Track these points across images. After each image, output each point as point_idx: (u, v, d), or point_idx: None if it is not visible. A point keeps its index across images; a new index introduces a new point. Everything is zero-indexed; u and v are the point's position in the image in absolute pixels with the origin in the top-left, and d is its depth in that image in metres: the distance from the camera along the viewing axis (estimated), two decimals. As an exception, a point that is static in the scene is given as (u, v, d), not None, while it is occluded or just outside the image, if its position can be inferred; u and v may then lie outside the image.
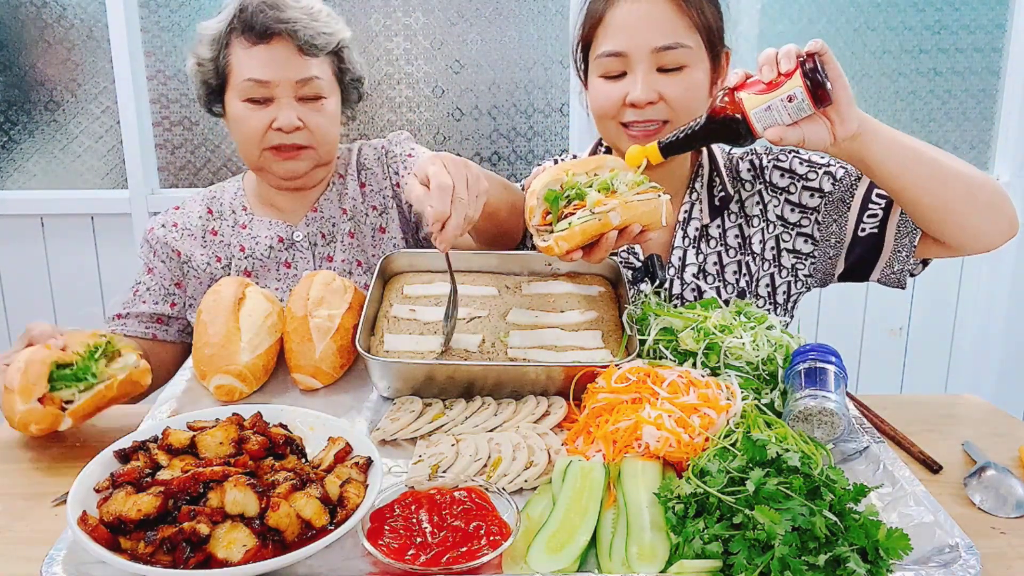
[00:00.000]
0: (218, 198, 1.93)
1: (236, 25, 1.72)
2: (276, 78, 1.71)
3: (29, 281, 2.77)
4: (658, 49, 1.50)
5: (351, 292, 1.49)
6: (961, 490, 1.20)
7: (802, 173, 1.65)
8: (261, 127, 1.73)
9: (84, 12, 2.58)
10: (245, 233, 1.87)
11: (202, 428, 1.09)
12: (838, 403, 1.15)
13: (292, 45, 1.71)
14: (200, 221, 1.88)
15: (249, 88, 1.72)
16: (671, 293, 1.67)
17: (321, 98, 1.76)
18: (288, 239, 1.86)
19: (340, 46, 1.79)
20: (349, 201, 1.89)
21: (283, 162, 1.77)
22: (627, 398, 1.18)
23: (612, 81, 1.55)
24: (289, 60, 1.71)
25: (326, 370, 1.38)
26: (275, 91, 1.72)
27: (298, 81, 1.72)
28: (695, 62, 1.53)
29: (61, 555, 0.96)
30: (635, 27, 1.51)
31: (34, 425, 1.29)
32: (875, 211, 1.58)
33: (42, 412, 1.28)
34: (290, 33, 1.69)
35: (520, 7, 2.59)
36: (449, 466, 1.14)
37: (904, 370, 2.95)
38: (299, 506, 0.95)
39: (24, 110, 2.66)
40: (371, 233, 1.89)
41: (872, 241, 1.59)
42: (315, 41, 1.71)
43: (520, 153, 2.71)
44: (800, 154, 1.68)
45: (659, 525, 1.00)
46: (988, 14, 2.66)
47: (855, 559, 0.91)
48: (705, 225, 1.69)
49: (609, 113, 1.57)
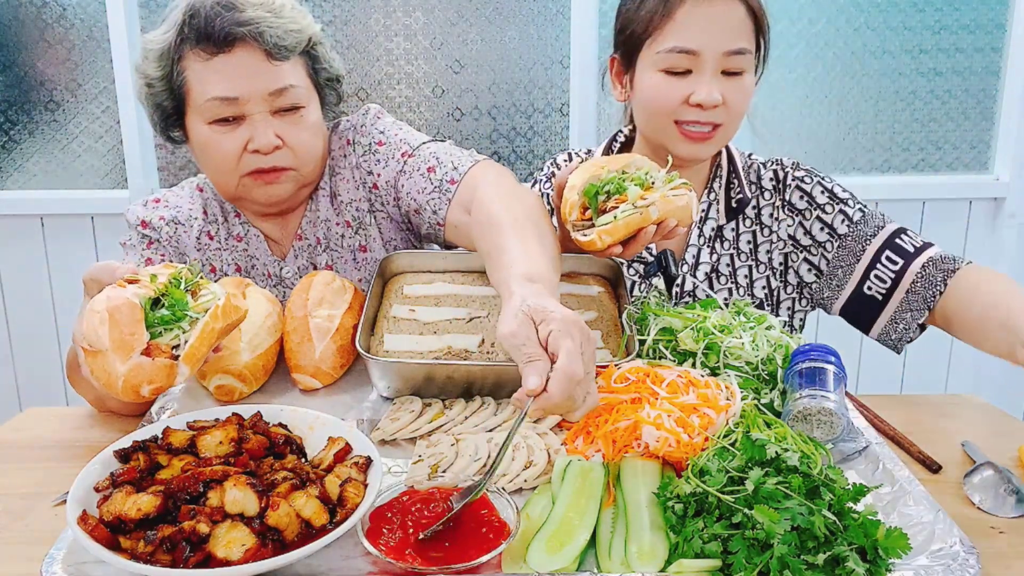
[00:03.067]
0: (208, 196, 1.70)
1: (188, 34, 1.47)
2: (245, 93, 1.46)
3: (29, 281, 2.77)
4: (729, 53, 1.49)
5: (351, 292, 1.49)
6: (960, 490, 1.20)
7: (820, 203, 1.64)
8: (235, 151, 1.50)
9: (84, 12, 2.58)
10: (240, 248, 1.68)
11: (202, 428, 1.09)
12: (837, 403, 1.15)
13: (258, 50, 1.46)
14: (197, 223, 1.67)
15: (215, 108, 1.48)
16: (682, 290, 1.67)
17: (300, 108, 1.53)
18: (276, 276, 1.69)
19: (312, 43, 1.56)
20: (323, 225, 1.67)
21: (265, 187, 1.55)
22: (627, 398, 1.18)
23: (675, 77, 1.52)
24: (257, 69, 1.47)
25: (326, 370, 1.38)
26: (245, 107, 1.48)
27: (271, 93, 1.48)
28: (750, 68, 1.54)
29: (61, 555, 0.96)
30: (709, 27, 1.48)
31: (147, 385, 1.03)
32: (883, 274, 1.56)
33: (153, 366, 1.03)
34: (255, 36, 1.45)
35: (520, 7, 2.59)
36: (449, 466, 1.14)
37: (904, 370, 2.95)
38: (299, 506, 0.95)
39: (24, 110, 2.66)
40: (351, 257, 1.68)
41: (874, 303, 1.59)
42: (284, 41, 1.47)
43: (520, 153, 2.71)
44: (824, 181, 1.66)
45: (658, 525, 1.00)
46: (988, 14, 2.66)
47: (854, 558, 0.91)
48: (721, 226, 1.68)
49: (666, 109, 1.53)
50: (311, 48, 1.57)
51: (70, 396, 2.84)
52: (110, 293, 1.06)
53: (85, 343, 1.04)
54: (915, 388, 2.95)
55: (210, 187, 1.70)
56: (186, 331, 1.08)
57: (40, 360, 2.83)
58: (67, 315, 2.77)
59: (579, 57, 2.58)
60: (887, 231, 1.59)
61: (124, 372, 1.02)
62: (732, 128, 1.57)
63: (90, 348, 1.03)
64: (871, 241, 1.59)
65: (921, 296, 1.53)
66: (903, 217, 2.68)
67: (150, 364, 1.03)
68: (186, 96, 1.52)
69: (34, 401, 2.82)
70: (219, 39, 1.45)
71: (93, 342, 1.02)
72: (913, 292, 1.54)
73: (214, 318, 1.10)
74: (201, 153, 1.56)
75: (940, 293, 1.51)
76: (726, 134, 1.57)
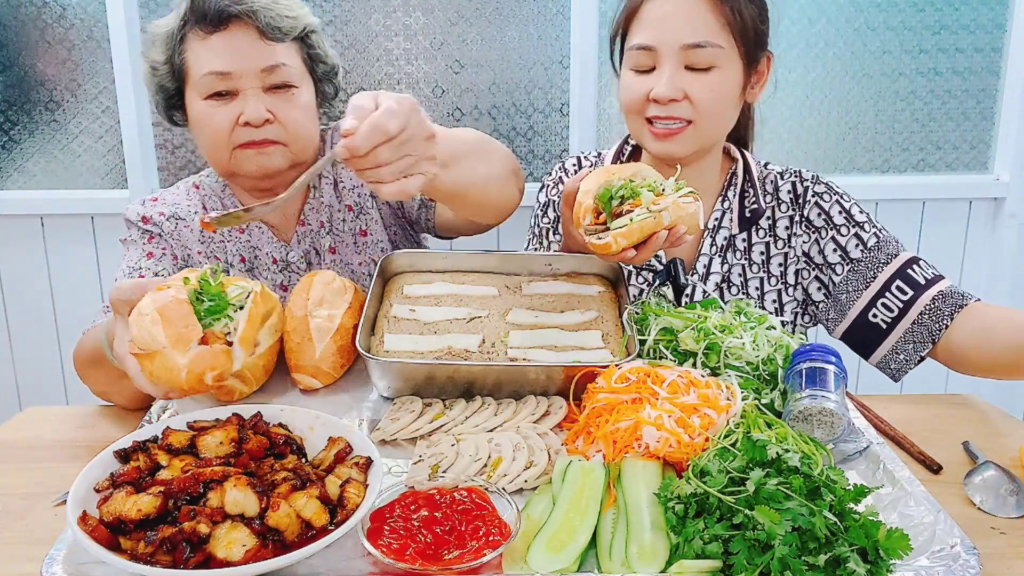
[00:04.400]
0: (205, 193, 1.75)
1: (189, 17, 1.57)
2: (238, 68, 1.55)
3: (29, 281, 2.77)
4: (687, 46, 1.48)
5: (351, 292, 1.49)
6: (961, 490, 1.20)
7: (837, 224, 1.63)
8: (227, 124, 1.57)
9: (84, 12, 2.58)
10: (244, 240, 1.73)
11: (202, 428, 1.09)
12: (837, 403, 1.15)
13: (252, 29, 1.55)
14: (197, 218, 1.71)
15: (210, 83, 1.56)
16: (692, 299, 1.64)
17: (291, 87, 1.60)
18: (283, 260, 1.74)
19: (307, 31, 1.64)
20: (326, 210, 1.75)
21: (256, 157, 1.59)
22: (627, 398, 1.18)
23: (640, 75, 1.53)
24: (251, 46, 1.55)
25: (326, 370, 1.38)
26: (239, 82, 1.56)
27: (263, 69, 1.56)
28: (726, 64, 1.50)
29: (61, 555, 0.96)
30: (666, 22, 1.49)
31: (209, 372, 1.09)
32: (892, 303, 1.56)
33: (212, 353, 1.10)
34: (248, 15, 1.54)
35: (520, 7, 2.59)
36: (449, 466, 1.14)
37: (904, 370, 2.95)
38: (299, 506, 0.95)
39: (24, 110, 2.66)
40: (352, 241, 1.76)
41: (878, 331, 1.58)
42: (278, 23, 1.56)
43: (520, 153, 2.71)
44: (843, 200, 1.65)
45: (659, 525, 1.00)
46: (988, 14, 2.66)
47: (855, 559, 0.91)
48: (733, 235, 1.67)
49: (634, 107, 1.56)
50: (306, 36, 1.65)
51: (70, 396, 2.84)
52: (154, 296, 1.12)
53: (137, 348, 1.08)
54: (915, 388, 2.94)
55: (207, 184, 1.76)
56: (233, 318, 1.17)
57: (40, 360, 2.83)
58: (67, 315, 2.76)
59: (579, 57, 2.57)
60: (900, 260, 1.57)
61: (186, 363, 1.08)
62: (706, 125, 1.53)
63: (143, 351, 1.08)
64: (883, 269, 1.58)
65: (927, 328, 1.52)
66: (903, 217, 2.69)
67: (209, 351, 1.10)
68: (186, 75, 1.61)
69: (34, 401, 2.82)
70: (216, 18, 1.55)
71: (148, 344, 1.07)
72: (919, 324, 1.53)
73: (255, 303, 1.19)
74: (197, 128, 1.64)
75: (946, 327, 1.50)
76: (699, 132, 1.53)
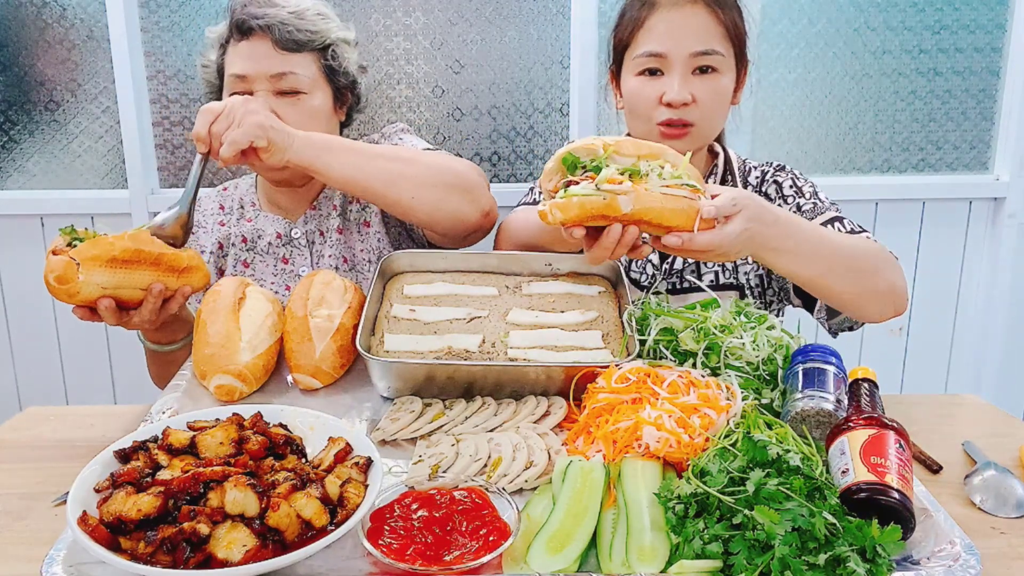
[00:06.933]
0: (231, 194, 2.00)
1: (231, 25, 1.79)
2: (252, 72, 1.74)
3: (29, 281, 2.76)
4: (695, 54, 1.61)
5: (351, 292, 1.49)
6: (961, 490, 1.20)
7: (786, 195, 1.73)
8: None
9: (84, 12, 2.57)
10: (249, 226, 1.93)
11: (202, 428, 1.09)
12: (836, 404, 1.15)
13: (269, 40, 1.74)
14: (213, 218, 1.96)
15: (232, 83, 1.77)
16: (672, 267, 1.75)
17: (300, 93, 1.77)
18: (287, 235, 1.90)
19: (327, 44, 1.81)
20: (338, 197, 1.92)
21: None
22: (627, 398, 1.18)
23: (651, 79, 1.65)
24: (266, 55, 1.74)
25: (326, 370, 1.38)
26: (253, 85, 1.75)
27: (273, 75, 1.74)
28: (725, 69, 1.65)
29: (61, 555, 0.96)
30: (675, 32, 1.62)
31: (51, 274, 1.32)
32: None
33: (58, 260, 1.31)
34: (264, 28, 1.73)
35: (520, 7, 2.58)
36: (449, 466, 1.14)
37: (904, 370, 2.95)
38: (299, 506, 0.95)
39: (24, 110, 2.66)
40: (356, 229, 1.91)
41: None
42: (293, 37, 1.74)
43: (520, 153, 2.70)
44: (797, 179, 1.75)
45: (659, 525, 1.00)
46: (988, 14, 2.66)
47: (855, 559, 0.91)
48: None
49: (645, 109, 1.65)
50: (326, 48, 1.81)
51: (70, 396, 2.84)
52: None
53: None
54: (915, 388, 2.95)
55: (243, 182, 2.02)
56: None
57: (40, 360, 2.82)
58: (67, 315, 2.75)
59: (579, 57, 2.57)
60: (824, 217, 1.62)
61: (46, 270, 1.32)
62: (707, 125, 1.67)
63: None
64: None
65: None
66: (903, 217, 2.69)
67: (56, 259, 1.31)
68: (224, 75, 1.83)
69: (34, 401, 2.82)
70: (242, 28, 1.76)
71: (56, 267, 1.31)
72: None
73: (117, 237, 1.35)
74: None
75: None
76: (701, 131, 1.66)
